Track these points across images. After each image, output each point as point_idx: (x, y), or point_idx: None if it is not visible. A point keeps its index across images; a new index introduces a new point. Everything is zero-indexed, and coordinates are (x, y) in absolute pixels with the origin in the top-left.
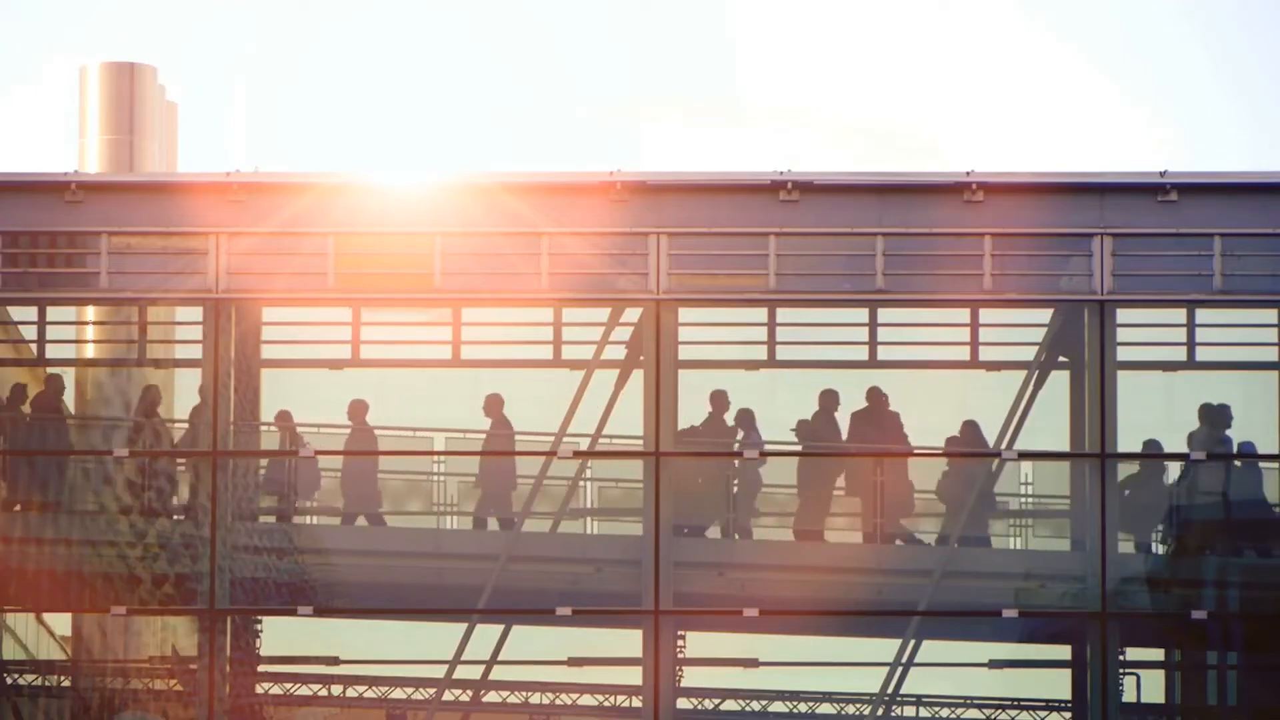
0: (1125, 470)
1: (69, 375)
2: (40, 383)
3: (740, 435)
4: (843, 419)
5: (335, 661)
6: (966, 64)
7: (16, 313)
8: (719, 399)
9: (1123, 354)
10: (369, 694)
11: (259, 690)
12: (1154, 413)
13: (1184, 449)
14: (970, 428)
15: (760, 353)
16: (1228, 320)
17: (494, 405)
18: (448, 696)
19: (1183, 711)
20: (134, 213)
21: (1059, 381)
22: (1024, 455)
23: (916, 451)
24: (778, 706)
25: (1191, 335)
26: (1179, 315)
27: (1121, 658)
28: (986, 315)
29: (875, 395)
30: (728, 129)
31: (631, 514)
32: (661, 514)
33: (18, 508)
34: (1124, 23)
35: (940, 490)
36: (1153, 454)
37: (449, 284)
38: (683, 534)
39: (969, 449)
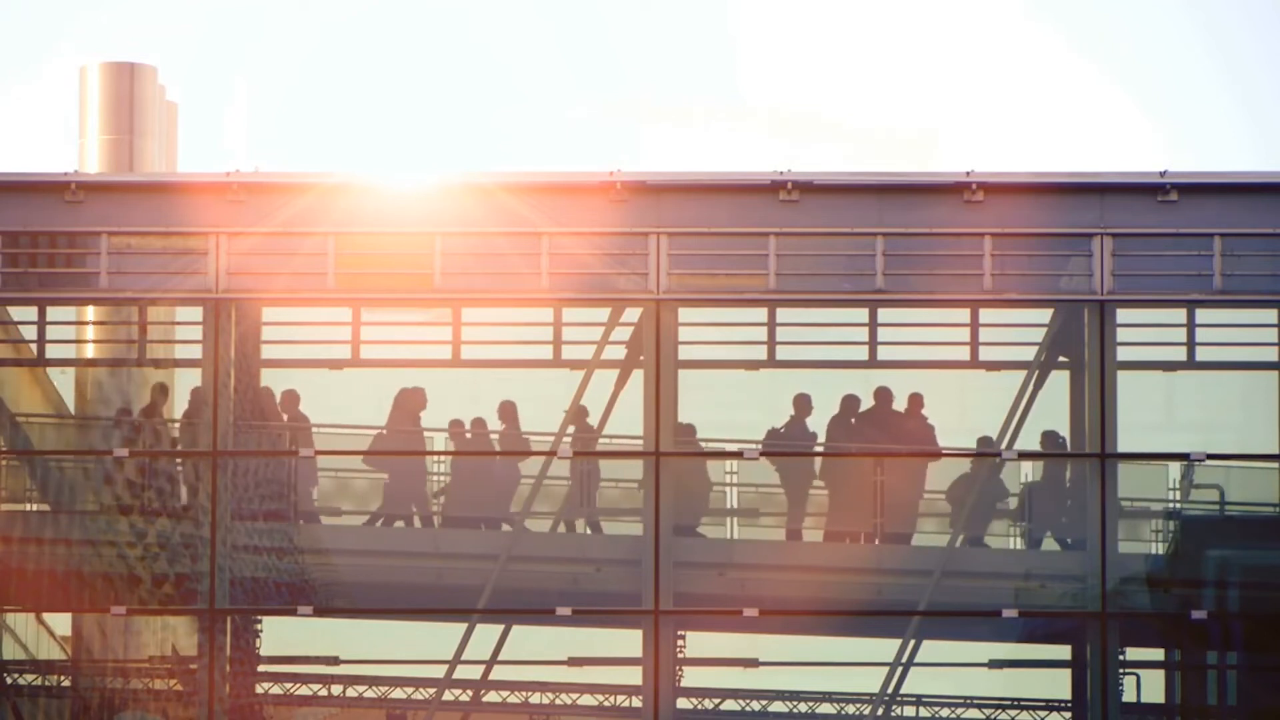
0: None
1: (69, 376)
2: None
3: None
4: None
5: (335, 661)
6: (967, 64)
7: (16, 313)
8: (801, 402)
9: (1123, 354)
10: (369, 694)
11: (259, 690)
12: (1154, 413)
13: (1184, 449)
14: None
15: (760, 353)
16: (1228, 320)
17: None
18: (448, 696)
19: (1183, 711)
20: (134, 213)
21: (1059, 381)
22: (1024, 455)
23: (916, 452)
24: (778, 706)
25: (1191, 335)
26: (1179, 315)
27: (1121, 658)
28: (986, 315)
29: (882, 395)
30: (728, 130)
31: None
32: (662, 515)
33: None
34: (1124, 23)
35: (950, 494)
36: (1155, 454)
37: (449, 284)
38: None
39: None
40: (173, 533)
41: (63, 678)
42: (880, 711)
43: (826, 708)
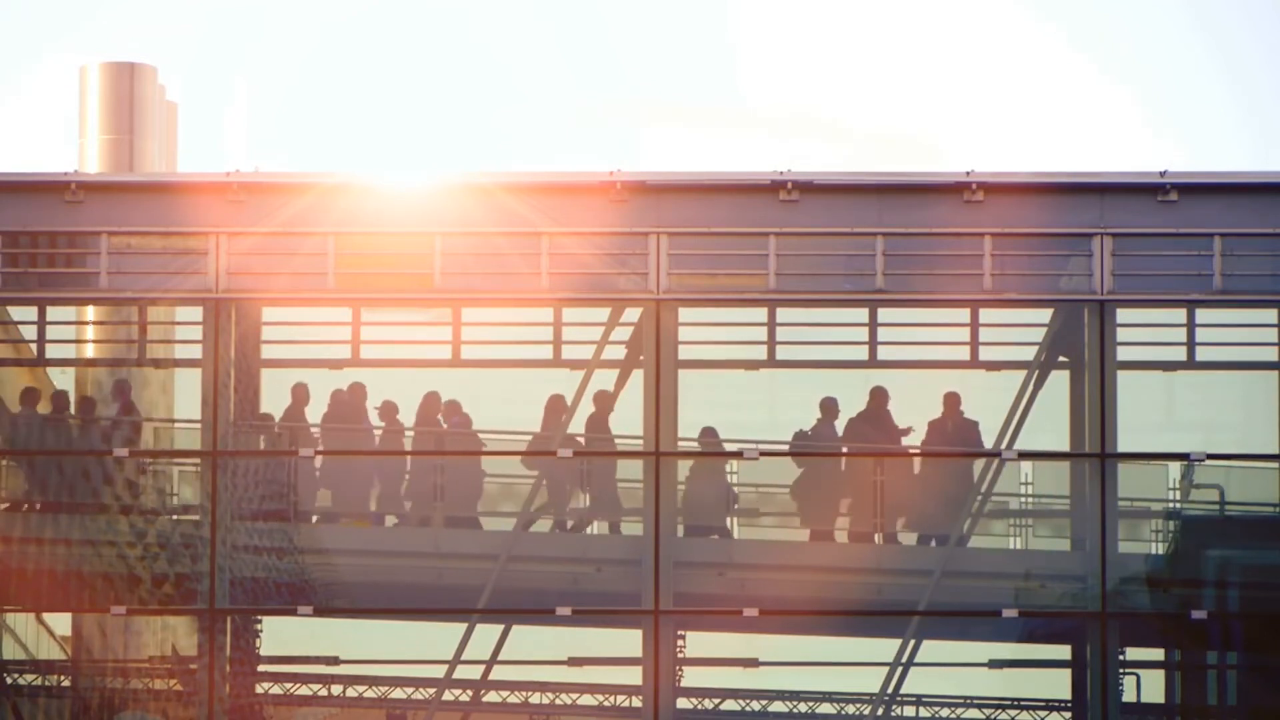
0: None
1: (69, 376)
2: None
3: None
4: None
5: (335, 661)
6: (966, 64)
7: (16, 313)
8: (829, 405)
9: (1123, 354)
10: (369, 694)
11: (259, 690)
12: (1154, 413)
13: (1184, 449)
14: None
15: (760, 353)
16: (1228, 320)
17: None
18: (448, 696)
19: (1183, 711)
20: (134, 213)
21: (1059, 381)
22: (1024, 455)
23: (916, 451)
24: (778, 706)
25: (1191, 335)
26: (1179, 315)
27: (1121, 658)
28: (986, 315)
29: (878, 394)
30: (728, 131)
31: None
32: (662, 515)
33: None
34: (1124, 23)
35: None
36: (1155, 454)
37: (449, 284)
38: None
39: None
40: (173, 532)
41: (63, 678)
42: (880, 711)
43: (826, 708)
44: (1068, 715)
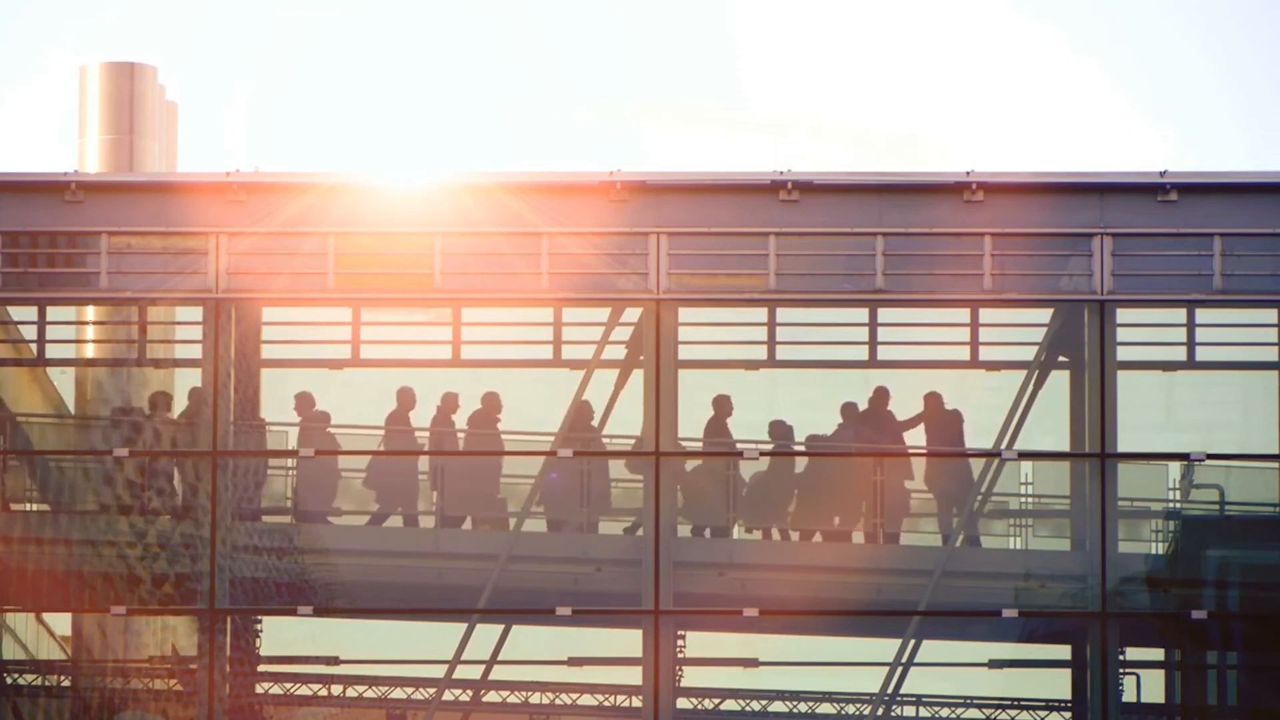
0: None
1: (69, 376)
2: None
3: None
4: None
5: (335, 661)
6: (967, 64)
7: (16, 313)
8: (850, 410)
9: (1123, 354)
10: (369, 694)
11: (259, 690)
12: (1154, 413)
13: (1184, 449)
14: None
15: (760, 353)
16: (1228, 320)
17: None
18: (448, 696)
19: (1183, 711)
20: (134, 213)
21: (1059, 381)
22: (1024, 455)
23: (915, 451)
24: (778, 706)
25: (1191, 335)
26: (1179, 315)
27: (1121, 658)
28: (986, 315)
29: (879, 395)
30: (728, 132)
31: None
32: (663, 515)
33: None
34: (1124, 23)
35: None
36: (1155, 454)
37: (449, 284)
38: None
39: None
40: (173, 533)
41: (63, 678)
42: (880, 711)
43: (826, 708)
44: (1068, 715)
